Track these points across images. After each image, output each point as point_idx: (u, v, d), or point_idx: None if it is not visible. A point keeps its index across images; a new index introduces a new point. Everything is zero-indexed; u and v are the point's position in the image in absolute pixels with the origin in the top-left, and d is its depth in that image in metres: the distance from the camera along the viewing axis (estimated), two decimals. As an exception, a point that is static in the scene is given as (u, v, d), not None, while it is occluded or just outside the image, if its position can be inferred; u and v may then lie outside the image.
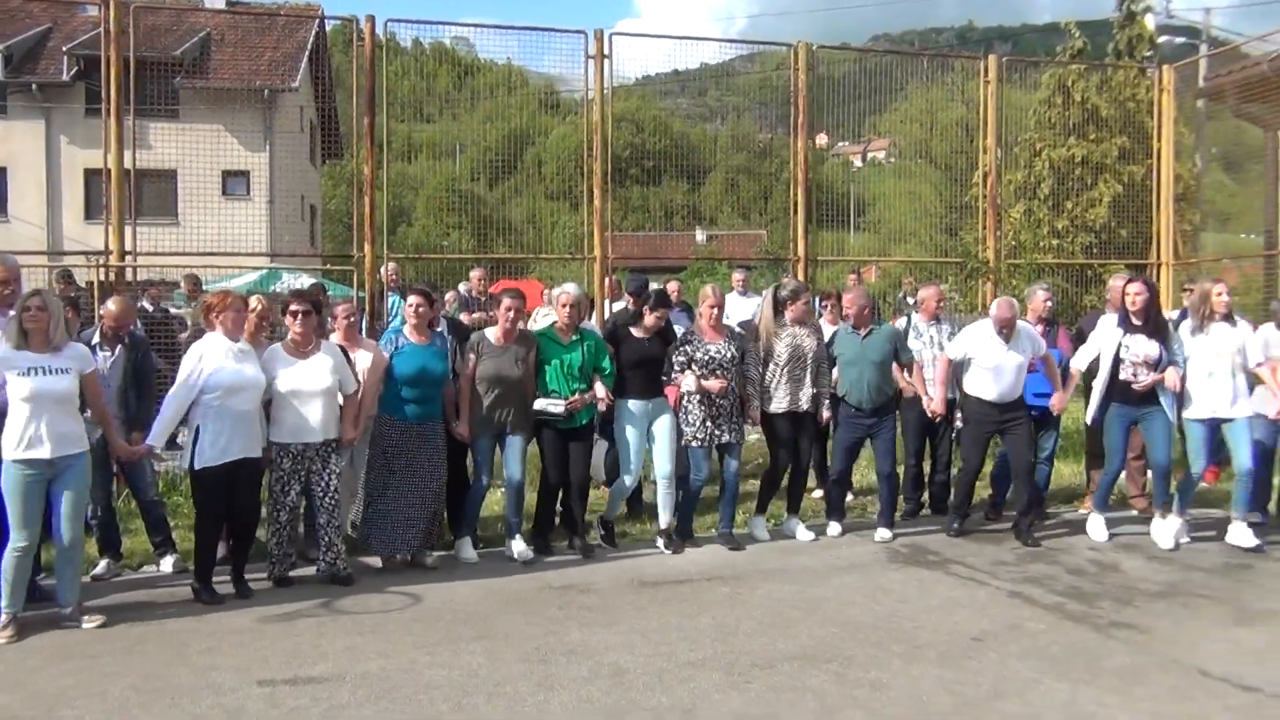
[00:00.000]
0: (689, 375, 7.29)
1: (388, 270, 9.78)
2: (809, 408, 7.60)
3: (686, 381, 7.29)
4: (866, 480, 9.24)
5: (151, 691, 4.76)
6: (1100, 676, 4.90)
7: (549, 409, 7.07)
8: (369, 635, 5.55)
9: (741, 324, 8.53)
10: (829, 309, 9.04)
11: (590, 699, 4.66)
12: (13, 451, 5.45)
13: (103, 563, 6.79)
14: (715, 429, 7.37)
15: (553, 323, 7.37)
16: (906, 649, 5.28)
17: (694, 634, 5.53)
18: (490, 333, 7.17)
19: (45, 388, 5.50)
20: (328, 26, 22.76)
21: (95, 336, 6.73)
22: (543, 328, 7.48)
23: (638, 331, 7.42)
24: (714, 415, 7.36)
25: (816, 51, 10.69)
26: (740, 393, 7.49)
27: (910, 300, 10.80)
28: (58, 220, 25.74)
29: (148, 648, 5.37)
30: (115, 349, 6.75)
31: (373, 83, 9.46)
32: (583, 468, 7.29)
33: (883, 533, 7.67)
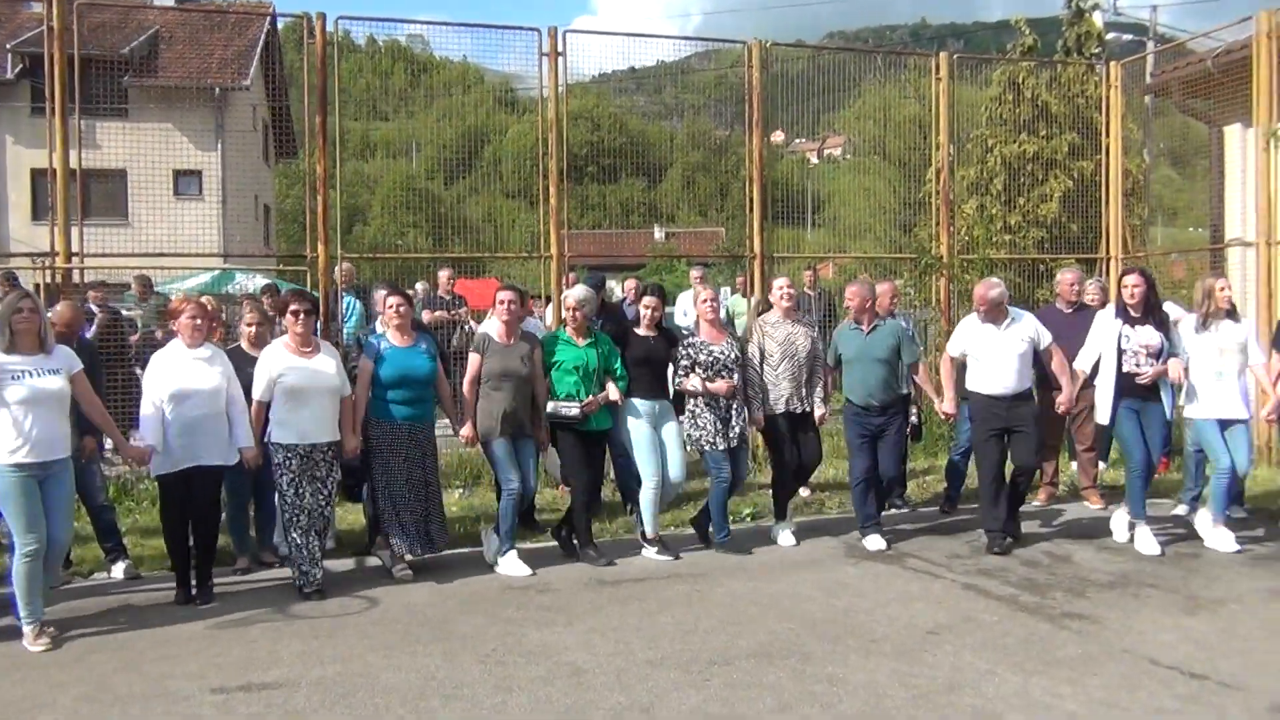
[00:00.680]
0: (694, 378, 7.18)
1: (342, 270, 9.69)
2: (806, 407, 7.46)
3: (691, 383, 7.17)
4: (824, 475, 9.30)
5: (103, 702, 4.68)
6: (1053, 666, 4.96)
7: (564, 412, 6.96)
8: (324, 640, 5.50)
9: (690, 327, 8.54)
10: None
11: (549, 699, 4.65)
12: (8, 455, 5.33)
13: (52, 571, 6.68)
14: (728, 427, 7.19)
15: (563, 325, 7.27)
16: (863, 643, 5.32)
17: (653, 632, 5.54)
18: (493, 331, 7.08)
19: (40, 390, 5.41)
20: (280, 24, 22.58)
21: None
22: (557, 330, 7.40)
23: (642, 330, 7.36)
24: (724, 417, 7.20)
25: (770, 49, 10.72)
26: (741, 395, 7.34)
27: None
28: (3, 222, 25.19)
29: (99, 656, 5.28)
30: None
31: (324, 80, 9.36)
32: (598, 473, 7.22)
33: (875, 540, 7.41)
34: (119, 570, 6.77)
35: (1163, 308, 7.42)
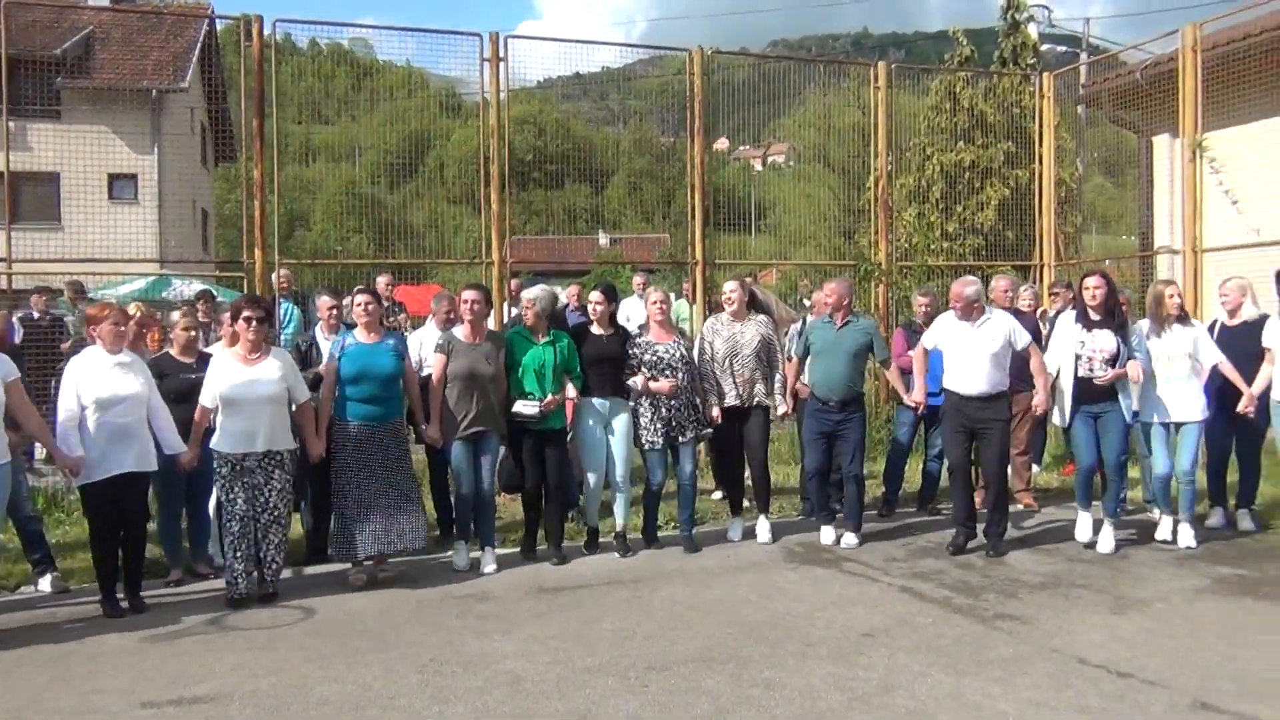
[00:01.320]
0: (637, 377, 7.29)
1: (279, 276, 9.57)
2: (756, 403, 7.55)
3: (634, 383, 7.28)
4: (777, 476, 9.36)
5: (31, 718, 4.58)
6: (985, 667, 5.05)
7: (523, 410, 6.98)
8: (259, 651, 5.43)
9: (641, 326, 8.56)
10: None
11: (486, 709, 4.63)
12: None
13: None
14: (667, 430, 7.33)
15: (523, 324, 7.28)
16: (800, 647, 5.37)
17: (592, 639, 5.55)
18: (458, 330, 7.08)
19: None
20: (219, 26, 22.23)
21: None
22: (517, 328, 7.40)
23: (598, 329, 7.39)
24: (665, 417, 7.33)
25: (712, 57, 10.79)
26: (695, 392, 7.48)
27: (806, 302, 11.00)
28: (-70, 226, 24.56)
29: (26, 671, 5.16)
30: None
31: (262, 84, 9.26)
32: (555, 472, 7.22)
33: (849, 538, 7.55)
34: (46, 584, 6.62)
35: (1122, 311, 7.44)
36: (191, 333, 6.87)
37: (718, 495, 8.90)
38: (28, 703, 4.75)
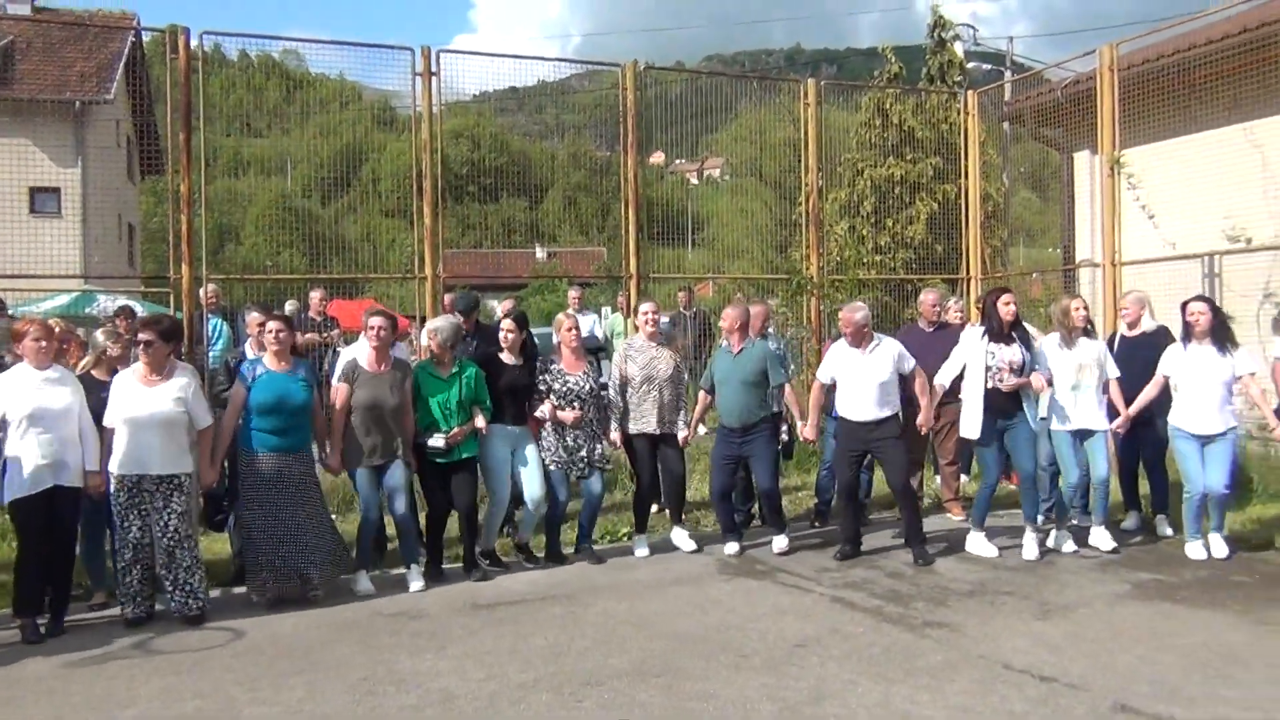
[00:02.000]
0: (546, 404, 7.40)
1: (207, 292, 9.41)
2: (668, 430, 7.69)
3: (542, 409, 7.39)
4: (700, 493, 9.43)
5: (-60, 749, 4.46)
6: (914, 675, 5.14)
7: (431, 443, 6.97)
8: (185, 675, 5.32)
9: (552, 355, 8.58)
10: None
11: (418, 727, 4.60)
12: None
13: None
14: (572, 455, 7.45)
15: (430, 357, 7.24)
16: (733, 658, 5.41)
17: (526, 655, 5.53)
18: (362, 357, 6.95)
19: None
20: (146, 37, 21.82)
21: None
22: (422, 362, 7.34)
23: (508, 358, 7.42)
24: (567, 446, 7.46)
25: (645, 72, 10.86)
26: (599, 424, 7.64)
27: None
28: None
29: (-63, 702, 5.01)
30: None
31: (189, 96, 9.11)
32: (467, 497, 7.18)
33: (779, 542, 7.76)
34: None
35: (1024, 325, 7.74)
36: (110, 352, 6.73)
37: (653, 509, 8.94)
38: (-59, 733, 4.62)
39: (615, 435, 7.68)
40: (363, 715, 4.74)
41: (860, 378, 7.42)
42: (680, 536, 7.97)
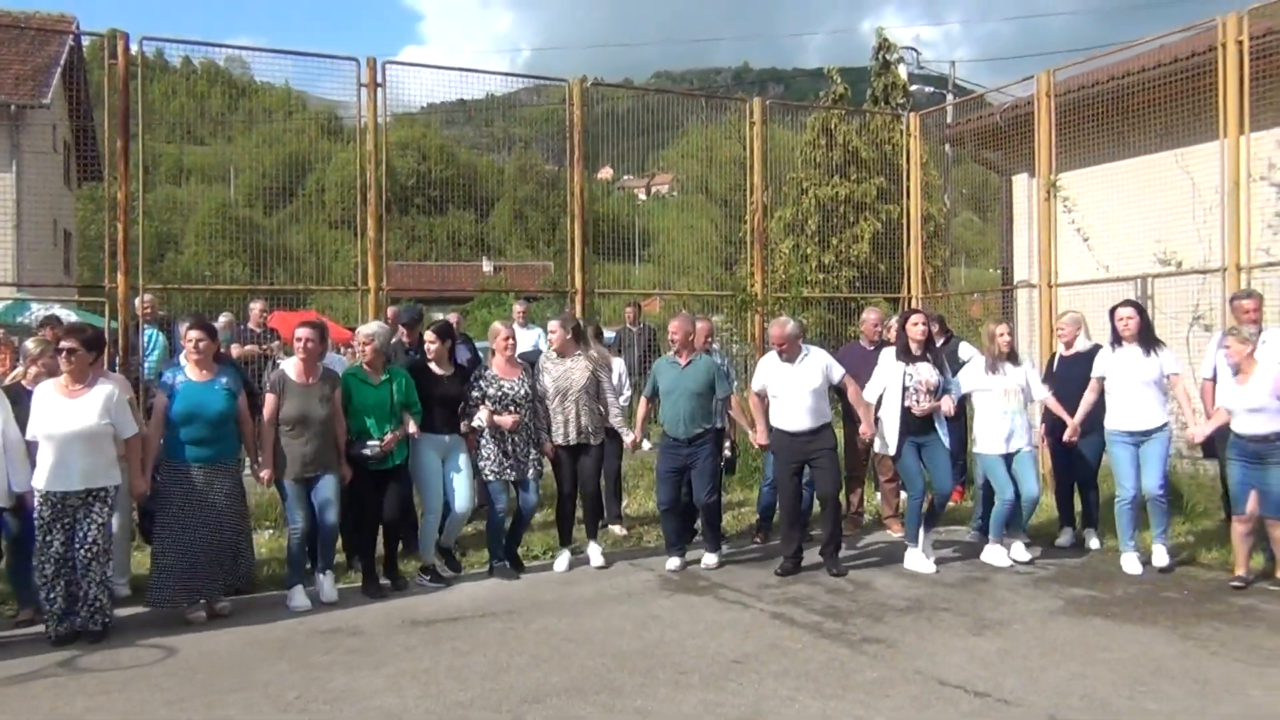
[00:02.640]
0: (482, 410, 7.38)
1: (143, 301, 9.23)
2: (584, 440, 7.68)
3: (479, 417, 7.36)
4: (644, 508, 9.43)
5: None
6: (851, 690, 5.17)
7: (363, 452, 6.93)
8: (114, 694, 5.19)
9: (522, 355, 8.57)
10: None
11: (352, 746, 4.53)
12: None
13: None
14: (510, 463, 7.45)
15: (359, 363, 7.19)
16: (672, 675, 5.41)
17: (464, 672, 5.48)
18: (290, 369, 6.86)
19: None
20: (85, 41, 21.39)
21: None
22: (351, 368, 7.27)
23: (435, 368, 7.42)
24: (507, 451, 7.45)
25: (591, 88, 10.89)
26: (532, 430, 7.61)
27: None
28: None
29: None
30: None
31: (126, 102, 8.95)
32: (392, 506, 7.14)
33: (709, 558, 7.80)
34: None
35: (937, 346, 8.01)
36: (39, 361, 6.57)
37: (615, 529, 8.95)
38: None
39: (548, 445, 7.68)
40: (295, 734, 4.66)
41: (792, 389, 7.54)
42: (593, 551, 7.94)
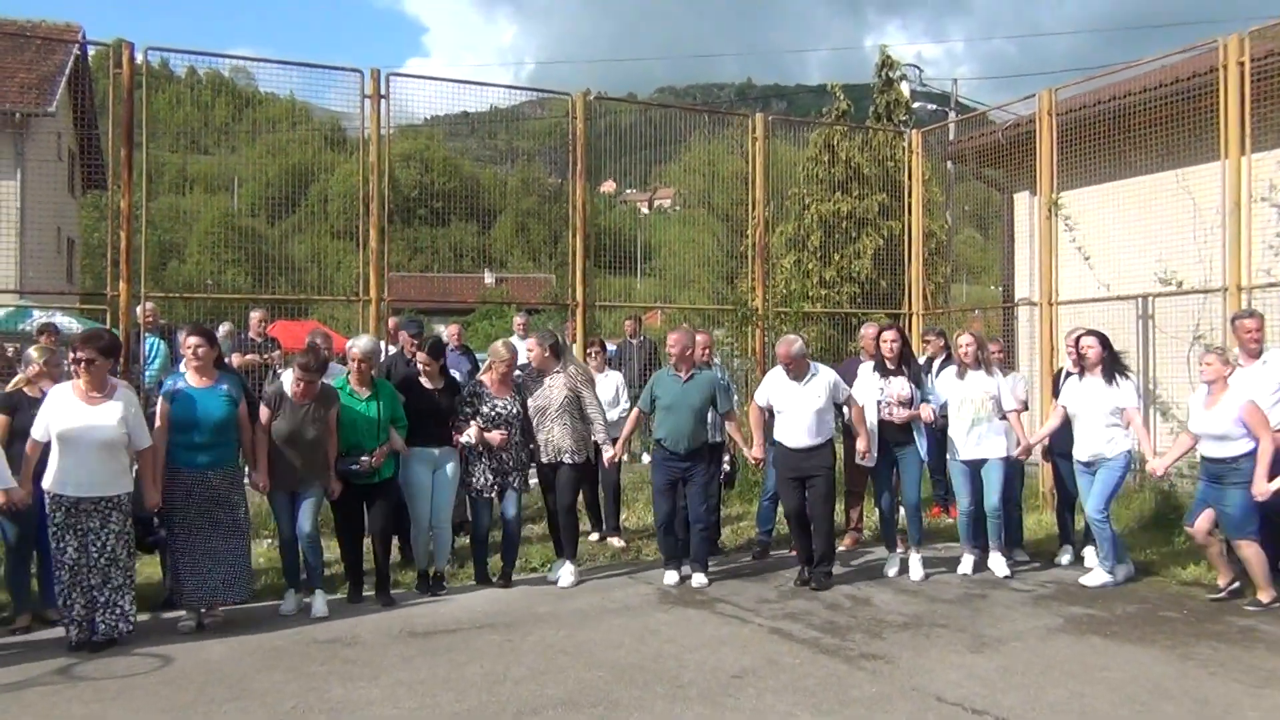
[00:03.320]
0: (472, 427, 7.41)
1: (144, 310, 9.25)
2: (556, 459, 7.67)
3: (468, 433, 7.39)
4: (643, 521, 9.43)
5: None
6: (848, 706, 5.16)
7: (351, 467, 6.99)
8: (110, 702, 5.19)
9: (522, 367, 8.58)
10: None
11: (348, 757, 4.52)
12: None
13: None
14: (497, 479, 7.52)
15: (346, 377, 7.23)
16: (670, 689, 5.39)
17: (461, 684, 5.47)
18: (289, 385, 6.88)
19: None
20: (90, 51, 21.48)
21: None
22: (338, 380, 7.28)
23: (426, 382, 7.46)
24: (495, 467, 7.51)
25: (595, 101, 10.93)
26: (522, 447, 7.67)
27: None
28: None
29: None
30: None
31: (131, 113, 8.99)
32: (382, 520, 7.18)
33: (698, 577, 7.71)
34: None
35: (915, 360, 8.19)
36: (40, 369, 6.58)
37: (594, 536, 8.98)
38: None
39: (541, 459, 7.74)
40: (291, 745, 4.64)
41: (797, 407, 7.58)
42: (565, 570, 7.79)
